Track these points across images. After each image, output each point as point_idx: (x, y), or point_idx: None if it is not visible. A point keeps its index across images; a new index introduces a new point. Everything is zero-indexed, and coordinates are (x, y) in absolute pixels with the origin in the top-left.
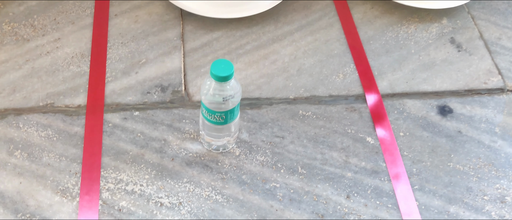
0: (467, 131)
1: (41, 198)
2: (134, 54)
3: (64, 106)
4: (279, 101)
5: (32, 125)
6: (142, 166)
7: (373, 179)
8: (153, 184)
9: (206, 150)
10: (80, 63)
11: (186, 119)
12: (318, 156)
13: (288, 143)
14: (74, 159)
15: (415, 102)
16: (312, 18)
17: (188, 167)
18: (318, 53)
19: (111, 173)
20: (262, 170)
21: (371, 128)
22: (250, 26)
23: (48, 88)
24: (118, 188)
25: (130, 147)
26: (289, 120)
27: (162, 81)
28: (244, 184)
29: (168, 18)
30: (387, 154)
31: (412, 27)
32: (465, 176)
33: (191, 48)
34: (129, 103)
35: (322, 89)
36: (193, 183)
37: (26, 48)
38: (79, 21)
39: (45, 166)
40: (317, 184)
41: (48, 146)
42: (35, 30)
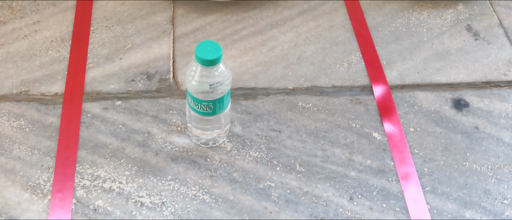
0: (485, 127)
1: (9, 195)
2: (119, 38)
3: (39, 95)
4: (277, 91)
5: (4, 114)
6: (122, 161)
7: (380, 179)
8: (134, 182)
9: (194, 144)
10: (60, 48)
11: (173, 110)
12: (318, 153)
13: (285, 137)
14: (47, 152)
15: (427, 95)
16: (315, 2)
17: (173, 162)
18: (320, 40)
19: (87, 169)
20: (256, 167)
21: (378, 122)
22: (247, 10)
23: (23, 74)
24: (95, 186)
25: (109, 139)
26: (287, 112)
27: (149, 68)
28: (236, 183)
29: (157, 0)
30: (396, 152)
31: (425, 13)
32: (482, 177)
33: (182, 33)
34: (111, 92)
35: (325, 79)
36: (178, 181)
37: (2, 31)
38: (60, 3)
39: (15, 160)
40: (316, 184)
41: (20, 138)
42: (13, 12)
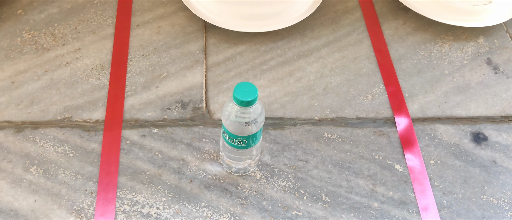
0: (503, 161)
1: (56, 218)
2: (155, 67)
3: (82, 121)
4: (304, 122)
5: (49, 139)
6: (159, 187)
7: (401, 210)
8: (170, 208)
9: (226, 173)
10: (100, 76)
11: (206, 138)
12: (343, 183)
13: (312, 167)
14: (90, 178)
15: (447, 128)
16: (341, 34)
17: (206, 190)
18: (345, 71)
19: (127, 194)
20: (283, 196)
21: (400, 154)
22: (275, 41)
23: (67, 101)
24: (134, 211)
25: (147, 166)
26: (313, 143)
27: (183, 97)
28: (265, 211)
29: (191, 30)
30: (417, 184)
31: (446, 46)
32: (499, 211)
33: (214, 63)
34: (148, 120)
35: (349, 111)
36: (211, 208)
37: (46, 58)
38: (100, 30)
39: (61, 184)
40: (341, 214)
41: (64, 163)
42: (55, 39)
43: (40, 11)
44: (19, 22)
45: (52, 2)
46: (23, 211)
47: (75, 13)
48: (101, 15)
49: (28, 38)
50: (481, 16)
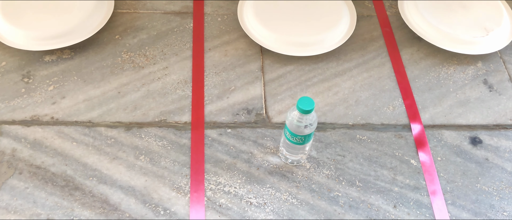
0: (493, 159)
1: (162, 193)
2: (225, 82)
3: (174, 122)
4: (340, 126)
5: (151, 136)
6: (235, 172)
7: (415, 193)
8: (244, 187)
9: (284, 163)
10: (184, 88)
11: (267, 137)
12: (371, 173)
13: (347, 160)
14: (184, 164)
15: (451, 133)
16: (368, 58)
17: (270, 175)
18: (372, 87)
19: (212, 177)
20: (327, 181)
21: (414, 152)
22: (316, 63)
23: (161, 107)
24: (218, 189)
25: (225, 157)
26: (348, 142)
27: (248, 105)
28: (314, 192)
29: (250, 53)
30: (427, 174)
31: (452, 69)
32: (489, 196)
33: (270, 79)
34: (223, 122)
35: (376, 118)
36: (274, 188)
37: (142, 74)
38: (181, 53)
39: (163, 169)
40: (370, 195)
41: (164, 153)
42: (148, 59)
43: (133, 36)
44: (118, 45)
45: (142, 29)
46: (137, 187)
47: (160, 39)
48: (180, 40)
49: (126, 58)
50: (479, 46)
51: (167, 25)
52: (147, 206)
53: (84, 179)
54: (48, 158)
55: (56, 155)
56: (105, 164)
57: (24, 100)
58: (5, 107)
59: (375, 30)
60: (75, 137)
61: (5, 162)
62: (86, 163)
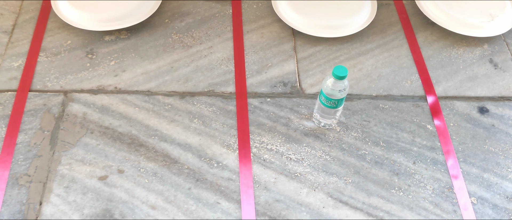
0: (499, 125)
1: (215, 149)
2: (263, 59)
3: (220, 92)
4: (365, 97)
5: (202, 103)
6: (275, 134)
7: (431, 153)
8: (284, 146)
9: (317, 127)
10: (228, 64)
11: (302, 105)
12: (393, 135)
13: (372, 125)
14: (231, 126)
15: (461, 103)
16: (387, 40)
17: (305, 136)
18: (392, 65)
19: (256, 137)
20: (355, 142)
21: (430, 119)
22: (342, 43)
23: (209, 80)
24: (262, 147)
25: (266, 121)
26: (372, 110)
27: (283, 79)
28: (344, 150)
29: (284, 35)
30: (441, 137)
31: (461, 50)
32: (495, 155)
33: (301, 57)
34: (263, 93)
35: (396, 91)
36: (309, 147)
37: (190, 52)
38: (223, 35)
39: (214, 130)
40: (393, 153)
41: (214, 117)
42: (194, 39)
43: (180, 21)
44: (168, 28)
45: (187, 15)
46: (193, 145)
47: (204, 22)
48: (222, 24)
49: (176, 39)
50: (485, 30)
51: (209, 11)
52: (202, 159)
53: (147, 138)
54: (115, 120)
55: (122, 118)
56: (164, 126)
57: (89, 73)
58: (74, 78)
59: (393, 16)
60: (137, 103)
61: (78, 123)
62: (148, 125)
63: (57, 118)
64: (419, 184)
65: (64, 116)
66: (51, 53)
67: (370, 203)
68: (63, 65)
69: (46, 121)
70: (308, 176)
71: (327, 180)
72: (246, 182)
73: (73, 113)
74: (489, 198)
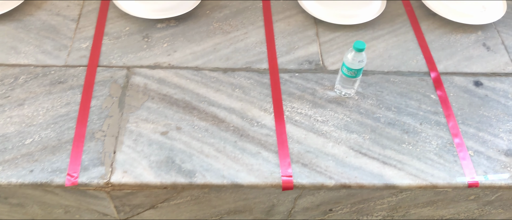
0: (491, 95)
1: (254, 112)
2: (290, 43)
3: (256, 69)
4: (378, 73)
5: (241, 77)
6: (303, 101)
7: (435, 116)
8: (311, 110)
9: (338, 95)
10: (261, 47)
11: (325, 79)
12: (403, 103)
13: (385, 95)
14: (267, 95)
15: (459, 78)
16: (395, 27)
17: (329, 103)
18: (400, 48)
19: (288, 103)
20: (371, 107)
21: (433, 90)
22: (357, 30)
23: (246, 59)
24: (293, 111)
25: (295, 91)
26: (385, 83)
27: (308, 58)
28: (362, 114)
29: (307, 23)
30: (443, 104)
31: (458, 35)
32: (488, 119)
33: (323, 41)
34: (292, 69)
35: (404, 68)
36: (333, 111)
37: (229, 37)
38: (255, 23)
39: (252, 97)
40: (403, 116)
41: (252, 88)
42: (232, 27)
43: (219, 12)
44: (209, 18)
45: (225, 7)
46: (236, 108)
47: (239, 13)
48: (254, 14)
49: (216, 26)
50: (479, 18)
51: (243, 4)
52: (244, 120)
53: (198, 103)
54: (171, 89)
55: (176, 87)
56: (211, 94)
57: (146, 53)
58: (134, 57)
59: (400, 8)
60: (188, 76)
61: (140, 91)
62: (198, 93)
63: (123, 87)
64: (425, 140)
65: (128, 86)
66: (113, 37)
67: (385, 154)
68: (124, 47)
69: (114, 89)
70: (332, 133)
71: (348, 137)
72: (281, 137)
73: (135, 83)
74: (483, 151)
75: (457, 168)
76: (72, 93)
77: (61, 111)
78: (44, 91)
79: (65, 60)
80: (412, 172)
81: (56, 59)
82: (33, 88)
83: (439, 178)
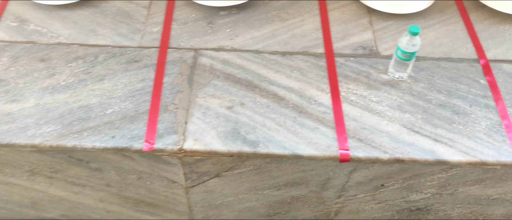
0: None
1: (312, 92)
2: (345, 30)
3: (313, 53)
4: (430, 59)
5: (299, 60)
6: (358, 83)
7: (484, 99)
8: (366, 91)
9: (392, 78)
10: (317, 33)
11: (378, 63)
12: (453, 86)
13: (436, 79)
14: (323, 77)
15: (508, 65)
16: (445, 17)
17: (383, 85)
18: (450, 36)
19: (344, 84)
20: (422, 90)
21: (482, 76)
22: (409, 19)
23: (303, 43)
24: (349, 91)
25: (351, 73)
26: (436, 68)
27: (363, 44)
28: (414, 96)
29: (361, 12)
30: (492, 89)
31: (507, 25)
32: None
33: (376, 29)
34: (347, 54)
35: (454, 54)
36: (387, 93)
37: (287, 24)
38: (311, 11)
39: (310, 78)
40: (453, 99)
41: (309, 70)
42: (289, 15)
43: (276, 1)
44: (267, 6)
45: None
46: (295, 88)
47: (295, 2)
48: (310, 4)
49: (274, 14)
50: None
51: None
52: (302, 98)
53: (259, 82)
54: (234, 69)
55: (239, 68)
56: (271, 74)
57: (211, 37)
58: (200, 40)
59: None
60: (249, 58)
61: (207, 70)
62: (259, 73)
63: (191, 67)
64: (475, 121)
65: (196, 65)
66: (181, 23)
67: (436, 132)
68: (191, 31)
69: (183, 68)
70: (386, 113)
71: (401, 116)
72: (338, 114)
73: (202, 63)
74: None
75: (506, 147)
76: (147, 71)
77: (137, 86)
78: (122, 68)
79: (139, 42)
80: (462, 149)
81: (131, 41)
82: (112, 65)
83: (488, 155)
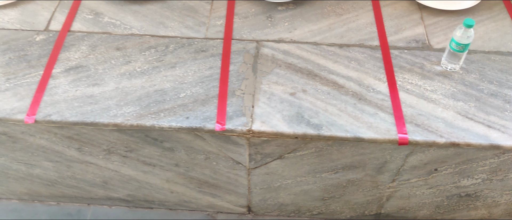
0: None
1: (369, 81)
2: (398, 25)
3: (368, 45)
4: (480, 52)
5: (356, 51)
6: (413, 73)
7: None
8: (420, 81)
9: (445, 70)
10: (371, 27)
11: (431, 56)
12: (504, 78)
13: (487, 70)
14: (380, 67)
15: None
16: (494, 14)
17: (436, 76)
18: (498, 31)
19: (399, 74)
20: (474, 81)
21: None
22: (458, 16)
23: (358, 36)
24: (404, 80)
25: (405, 65)
26: (486, 61)
27: (415, 38)
28: (466, 85)
29: (412, 8)
30: None
31: None
32: None
33: (428, 24)
34: (401, 46)
35: (503, 48)
36: (440, 82)
37: (342, 18)
38: (365, 7)
39: (367, 68)
40: (504, 89)
41: (366, 61)
42: (344, 10)
43: None
44: (322, 2)
45: None
46: (353, 77)
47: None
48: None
49: (330, 9)
50: None
51: None
52: (361, 86)
53: (319, 71)
54: (294, 59)
55: (299, 58)
56: (330, 64)
57: (271, 30)
58: (261, 33)
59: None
60: (308, 49)
61: (269, 60)
62: (319, 63)
63: (255, 56)
64: None
65: (259, 55)
66: (242, 17)
67: (489, 119)
68: (252, 25)
69: (247, 58)
70: (441, 101)
71: (455, 104)
72: (396, 101)
73: (264, 53)
74: None
75: None
76: (214, 60)
77: (206, 73)
78: (191, 57)
79: (204, 34)
80: None
81: (197, 33)
82: (181, 54)
83: None
